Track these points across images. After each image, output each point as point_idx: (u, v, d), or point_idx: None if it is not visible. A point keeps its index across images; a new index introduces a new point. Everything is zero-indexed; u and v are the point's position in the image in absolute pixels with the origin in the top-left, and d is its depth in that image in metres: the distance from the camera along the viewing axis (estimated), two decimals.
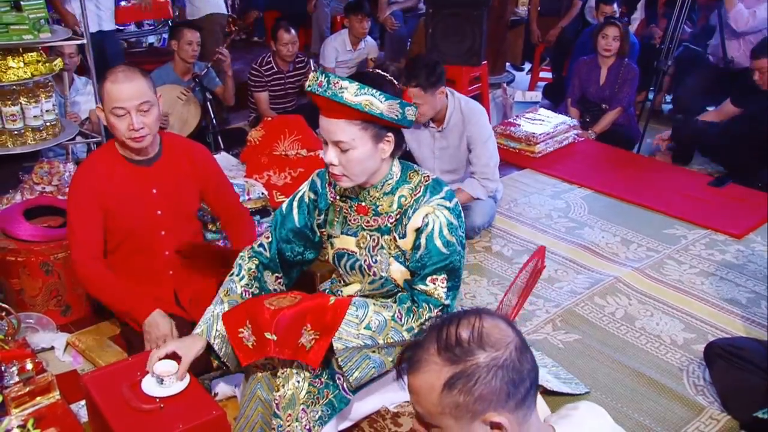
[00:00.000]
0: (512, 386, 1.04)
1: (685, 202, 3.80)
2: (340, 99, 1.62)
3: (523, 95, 5.78)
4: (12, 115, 2.98)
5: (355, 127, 1.68)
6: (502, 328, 1.08)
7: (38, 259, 2.60)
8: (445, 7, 4.49)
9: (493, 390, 1.03)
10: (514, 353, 1.06)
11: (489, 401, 1.04)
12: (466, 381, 1.04)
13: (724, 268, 3.18)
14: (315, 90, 1.65)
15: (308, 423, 1.70)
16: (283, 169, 3.37)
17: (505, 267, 3.19)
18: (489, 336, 1.06)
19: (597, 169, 4.23)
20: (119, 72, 2.15)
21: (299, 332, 1.66)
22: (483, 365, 1.04)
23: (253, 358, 1.73)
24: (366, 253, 1.86)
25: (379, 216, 1.83)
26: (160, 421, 1.69)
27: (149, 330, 2.20)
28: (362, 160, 1.72)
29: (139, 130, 2.14)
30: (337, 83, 1.62)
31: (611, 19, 4.61)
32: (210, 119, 4.27)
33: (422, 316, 1.74)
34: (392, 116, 1.66)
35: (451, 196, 1.80)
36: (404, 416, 1.82)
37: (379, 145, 1.73)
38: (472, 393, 1.04)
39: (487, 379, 1.03)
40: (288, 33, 4.50)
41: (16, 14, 2.90)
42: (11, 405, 1.85)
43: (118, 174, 2.26)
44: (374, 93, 1.63)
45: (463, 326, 1.07)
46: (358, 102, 1.62)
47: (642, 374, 2.46)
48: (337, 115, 1.67)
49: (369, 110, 1.63)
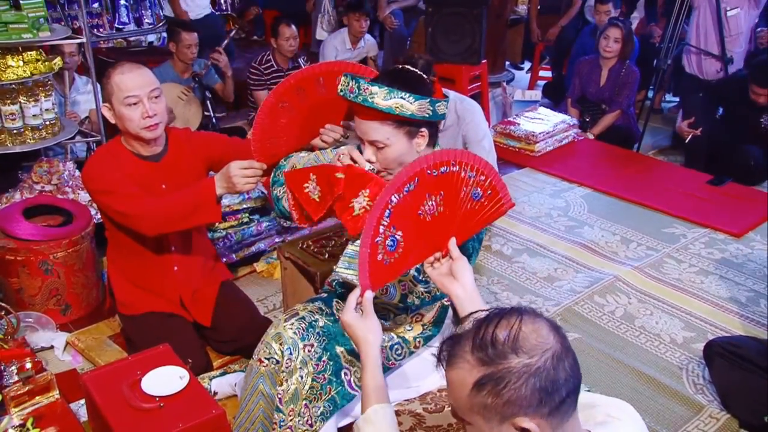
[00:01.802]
0: (545, 394, 1.01)
1: (685, 200, 3.80)
2: (371, 104, 1.66)
3: (523, 94, 5.78)
4: (11, 114, 2.98)
5: (389, 126, 1.72)
6: (542, 334, 1.05)
7: (38, 258, 2.60)
8: (445, 6, 4.49)
9: (522, 396, 1.01)
10: (549, 362, 1.02)
11: (519, 406, 1.02)
12: (495, 384, 1.02)
13: (723, 267, 3.18)
14: (347, 96, 1.69)
15: (310, 418, 1.70)
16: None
17: (504, 266, 3.19)
18: (525, 341, 1.03)
19: (597, 168, 4.24)
20: (125, 64, 2.17)
21: (358, 191, 1.69)
22: (514, 371, 1.01)
23: (323, 210, 1.76)
24: None
25: None
26: (159, 420, 1.69)
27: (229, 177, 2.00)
28: (398, 156, 1.76)
29: (153, 117, 2.15)
30: (367, 89, 1.65)
31: (614, 21, 4.60)
32: (209, 117, 4.27)
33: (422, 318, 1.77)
34: (423, 115, 1.69)
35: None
36: (404, 414, 1.82)
37: (414, 140, 1.77)
38: (501, 396, 1.02)
39: (517, 385, 1.01)
40: (289, 27, 4.51)
41: (15, 13, 2.90)
42: (11, 404, 1.85)
43: (127, 169, 2.23)
44: (403, 96, 1.65)
45: (502, 327, 1.05)
46: (388, 106, 1.65)
47: (642, 373, 2.46)
48: (371, 117, 1.71)
49: (400, 113, 1.66)
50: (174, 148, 2.33)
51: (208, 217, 2.13)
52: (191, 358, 2.03)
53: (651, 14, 5.80)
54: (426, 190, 1.46)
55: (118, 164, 2.22)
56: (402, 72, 1.76)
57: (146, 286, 2.34)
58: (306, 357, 1.73)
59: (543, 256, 3.27)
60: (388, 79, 1.70)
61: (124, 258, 2.36)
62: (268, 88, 4.62)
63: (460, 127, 3.27)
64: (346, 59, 5.24)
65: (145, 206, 2.12)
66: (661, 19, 5.55)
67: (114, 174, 2.18)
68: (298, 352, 1.74)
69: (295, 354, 1.74)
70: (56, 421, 1.83)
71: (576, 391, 1.07)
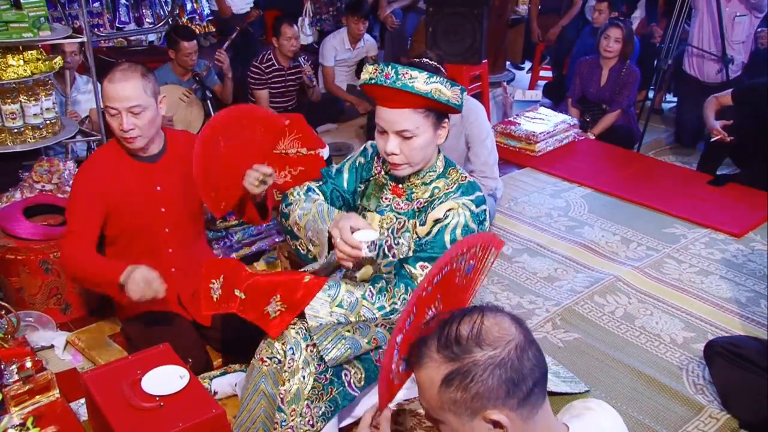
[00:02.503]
0: (512, 384, 1.04)
1: (685, 201, 3.80)
2: (411, 89, 1.67)
3: (524, 94, 5.77)
4: (12, 113, 2.98)
5: (420, 115, 1.74)
6: (504, 327, 1.08)
7: (38, 257, 2.60)
8: (446, 6, 4.48)
9: (490, 388, 1.04)
10: (513, 352, 1.05)
11: (487, 399, 1.04)
12: (463, 378, 1.05)
13: (723, 267, 3.18)
14: (381, 82, 1.69)
15: (312, 419, 1.70)
16: (282, 167, 3.37)
17: (505, 266, 3.19)
18: (488, 333, 1.06)
19: (597, 168, 4.23)
20: (117, 71, 2.15)
21: (268, 300, 1.72)
22: (480, 363, 1.04)
23: (213, 310, 1.81)
24: (389, 234, 1.90)
25: (411, 201, 1.89)
26: (159, 419, 1.69)
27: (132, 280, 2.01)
28: (424, 146, 1.78)
29: (128, 131, 2.15)
30: (407, 74, 1.68)
31: (615, 21, 4.60)
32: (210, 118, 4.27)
33: (395, 295, 1.76)
34: (455, 102, 1.73)
35: (480, 201, 1.84)
36: (404, 414, 1.82)
37: (438, 131, 1.80)
38: (469, 390, 1.04)
39: (483, 377, 1.04)
40: (291, 27, 4.52)
41: (16, 12, 2.89)
42: (11, 403, 1.85)
43: (123, 171, 2.26)
44: (442, 81, 1.69)
45: (465, 323, 1.08)
46: (428, 90, 1.68)
47: (642, 373, 2.46)
48: (402, 105, 1.72)
49: (438, 97, 1.69)
50: (172, 150, 2.34)
51: (111, 294, 2.18)
52: (191, 358, 2.04)
53: (652, 14, 5.80)
54: (425, 305, 1.40)
55: (112, 167, 2.25)
56: (426, 63, 1.79)
57: None
58: (308, 357, 1.73)
59: (543, 256, 3.27)
60: (418, 66, 1.72)
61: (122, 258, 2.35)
62: (269, 87, 4.63)
63: (464, 126, 3.28)
64: (345, 59, 5.26)
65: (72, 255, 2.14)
66: (662, 19, 5.55)
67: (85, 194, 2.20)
68: (301, 352, 1.74)
69: (298, 354, 1.74)
70: (56, 421, 1.83)
71: (543, 380, 1.09)
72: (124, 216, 2.27)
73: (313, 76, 4.83)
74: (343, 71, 5.34)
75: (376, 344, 1.80)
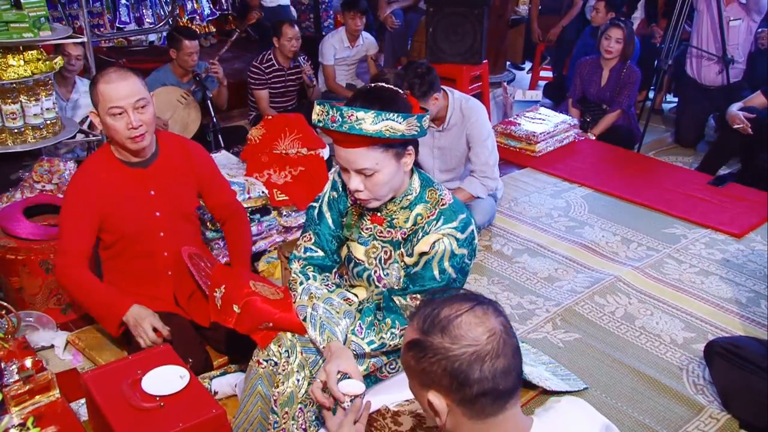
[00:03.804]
0: (455, 381, 1.09)
1: (685, 201, 3.80)
2: (359, 132, 1.57)
3: (524, 94, 5.77)
4: (12, 113, 2.98)
5: (376, 151, 1.63)
6: (477, 331, 1.09)
7: (38, 257, 2.60)
8: (446, 6, 4.49)
9: (433, 372, 1.10)
10: (467, 356, 1.08)
11: (431, 380, 1.11)
12: (418, 351, 1.13)
13: (724, 268, 3.18)
14: (329, 126, 1.59)
15: (304, 422, 1.70)
16: (283, 167, 3.37)
17: (505, 266, 3.19)
18: (457, 328, 1.10)
19: (597, 169, 4.23)
20: (111, 72, 2.13)
21: (260, 323, 1.74)
22: (433, 347, 1.10)
23: (216, 319, 1.83)
24: (377, 264, 1.85)
25: (393, 229, 1.80)
26: (160, 419, 1.69)
27: (135, 321, 2.16)
28: (388, 180, 1.68)
29: (138, 128, 2.13)
30: (352, 115, 1.56)
31: (616, 21, 4.60)
32: (210, 118, 4.27)
33: (382, 329, 1.76)
34: (413, 133, 1.62)
35: (465, 226, 1.72)
36: (404, 415, 1.82)
37: (402, 160, 1.70)
38: (419, 364, 1.12)
39: (431, 361, 1.10)
40: (292, 28, 4.51)
41: (16, 12, 2.90)
42: (11, 403, 1.85)
43: (115, 178, 2.24)
44: (392, 117, 1.57)
45: (450, 307, 1.13)
46: (378, 130, 1.57)
47: (642, 373, 2.46)
48: (356, 145, 1.62)
49: (390, 135, 1.58)
50: (164, 153, 2.33)
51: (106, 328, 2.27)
52: (191, 357, 2.04)
53: (652, 14, 5.80)
54: None
55: (105, 174, 2.24)
56: (378, 91, 1.68)
57: (140, 291, 2.34)
58: (303, 361, 1.73)
59: (543, 257, 3.27)
60: (367, 101, 1.61)
61: (118, 264, 2.35)
62: (269, 87, 4.62)
63: (465, 126, 3.28)
64: (345, 57, 5.25)
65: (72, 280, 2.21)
66: (662, 19, 5.55)
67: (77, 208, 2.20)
68: (296, 356, 1.74)
69: (293, 357, 1.74)
70: (56, 421, 1.83)
71: (493, 395, 1.10)
72: (118, 222, 2.27)
73: (314, 76, 4.83)
74: (343, 70, 5.34)
75: (374, 369, 1.81)
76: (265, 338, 1.77)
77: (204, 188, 2.46)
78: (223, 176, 2.57)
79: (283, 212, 3.24)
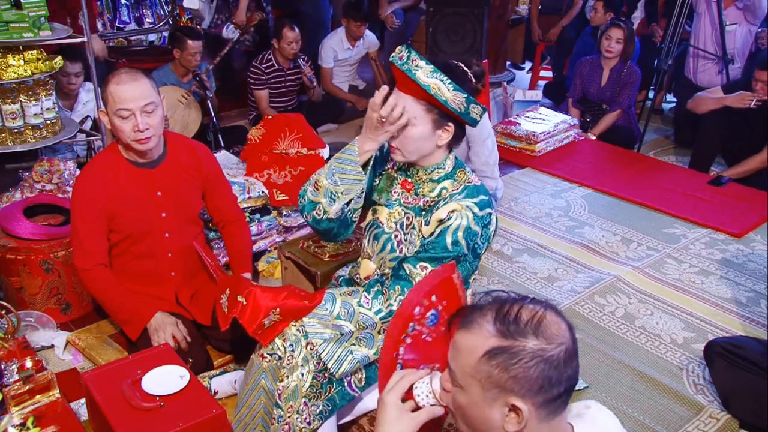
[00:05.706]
0: (548, 383, 1.05)
1: (685, 201, 3.80)
2: (412, 75, 1.67)
3: (524, 94, 5.77)
4: (12, 113, 2.97)
5: (421, 106, 1.73)
6: (562, 328, 1.09)
7: (38, 257, 2.60)
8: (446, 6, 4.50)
9: (528, 377, 1.04)
10: (562, 354, 1.06)
11: (520, 386, 1.05)
12: (508, 358, 1.05)
13: (723, 267, 3.18)
14: (395, 61, 1.70)
15: (309, 416, 1.70)
16: (283, 167, 3.37)
17: (505, 266, 3.19)
18: (547, 328, 1.07)
19: (597, 168, 4.23)
20: (123, 73, 2.14)
21: (267, 311, 1.74)
22: (529, 350, 1.05)
23: (227, 322, 1.83)
24: (398, 228, 1.90)
25: (418, 196, 1.88)
26: (160, 419, 1.69)
27: (157, 329, 2.23)
28: (417, 139, 1.77)
29: (144, 131, 2.13)
30: (415, 60, 1.67)
31: (616, 21, 4.60)
32: (210, 118, 4.27)
33: (391, 296, 1.77)
34: (455, 107, 1.70)
35: (484, 205, 1.80)
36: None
37: (438, 131, 1.78)
38: (509, 371, 1.05)
39: (528, 365, 1.04)
40: (292, 31, 4.51)
41: (16, 12, 2.89)
42: (11, 403, 1.85)
43: (122, 178, 2.25)
44: (444, 79, 1.66)
45: (527, 308, 1.09)
46: (427, 83, 1.66)
47: (642, 373, 2.46)
48: (407, 91, 1.72)
49: (435, 94, 1.67)
50: (172, 154, 2.33)
51: (127, 332, 2.31)
52: (192, 357, 2.04)
53: (652, 14, 5.80)
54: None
55: (112, 174, 2.24)
56: (453, 64, 1.79)
57: (142, 290, 2.34)
58: (308, 355, 1.73)
59: (543, 256, 3.27)
60: (436, 64, 1.71)
61: (122, 263, 2.35)
62: (268, 87, 4.62)
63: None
64: (346, 58, 5.25)
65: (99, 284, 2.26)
66: (662, 19, 5.55)
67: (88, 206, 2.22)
68: (300, 350, 1.74)
69: (297, 351, 1.74)
70: (56, 421, 1.83)
71: (570, 392, 1.10)
72: (125, 222, 2.27)
73: (314, 77, 4.83)
74: (345, 71, 5.33)
75: None
76: (267, 336, 1.77)
77: (207, 190, 2.46)
78: (227, 180, 2.57)
79: (283, 212, 3.24)
